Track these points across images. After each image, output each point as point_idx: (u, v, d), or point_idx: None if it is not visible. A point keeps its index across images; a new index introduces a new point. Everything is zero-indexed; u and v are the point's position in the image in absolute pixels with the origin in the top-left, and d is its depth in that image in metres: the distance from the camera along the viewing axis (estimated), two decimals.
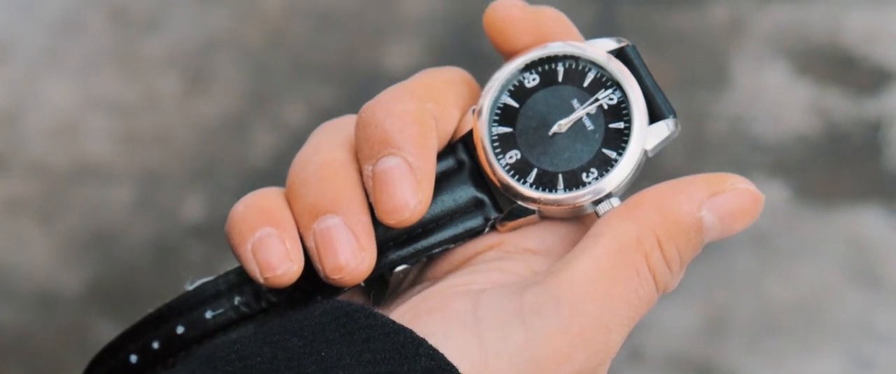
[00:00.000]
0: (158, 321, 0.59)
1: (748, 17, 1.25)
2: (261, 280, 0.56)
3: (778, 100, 1.22)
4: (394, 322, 0.53)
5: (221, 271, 0.60)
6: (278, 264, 0.56)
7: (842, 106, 1.22)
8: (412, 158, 0.56)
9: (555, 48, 0.58)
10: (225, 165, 1.22)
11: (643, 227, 0.55)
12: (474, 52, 1.20)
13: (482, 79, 0.60)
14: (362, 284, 0.57)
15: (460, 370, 0.52)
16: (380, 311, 0.54)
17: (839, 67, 1.23)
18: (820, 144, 1.21)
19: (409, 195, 0.56)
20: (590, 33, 0.61)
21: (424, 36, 1.25)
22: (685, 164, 1.20)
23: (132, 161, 1.22)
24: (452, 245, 0.58)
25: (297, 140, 1.21)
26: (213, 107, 1.24)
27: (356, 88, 1.23)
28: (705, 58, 1.24)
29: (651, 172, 0.58)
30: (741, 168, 1.20)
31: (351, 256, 0.56)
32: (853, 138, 1.21)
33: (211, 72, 1.25)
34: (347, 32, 1.26)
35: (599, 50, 0.58)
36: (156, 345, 0.59)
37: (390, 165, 0.56)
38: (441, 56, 1.23)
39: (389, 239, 0.58)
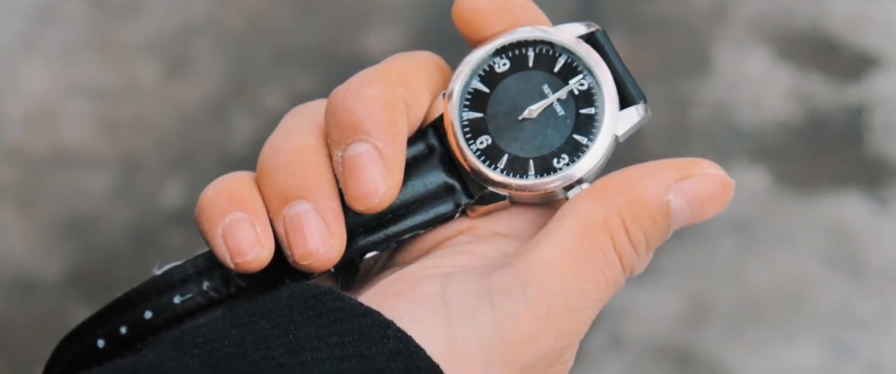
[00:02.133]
0: (126, 305, 0.59)
1: (730, 3, 1.25)
2: (231, 265, 0.56)
3: (760, 86, 1.22)
4: (362, 305, 0.53)
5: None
6: (249, 249, 0.56)
7: (824, 92, 1.22)
8: (382, 144, 0.56)
9: (525, 33, 0.58)
10: (204, 151, 1.22)
11: (609, 208, 0.55)
12: (455, 38, 1.19)
13: (457, 64, 0.60)
14: (332, 269, 0.57)
15: (428, 353, 0.52)
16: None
17: (821, 53, 1.23)
18: (802, 130, 1.21)
19: (379, 181, 0.56)
20: (571, 19, 0.60)
21: (405, 22, 1.24)
22: (667, 150, 1.20)
23: (111, 147, 1.22)
24: (423, 231, 0.58)
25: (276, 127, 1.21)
26: (192, 93, 1.24)
27: (336, 75, 1.23)
28: (687, 44, 1.24)
29: (632, 158, 0.58)
30: (723, 154, 1.20)
31: (320, 242, 0.56)
32: (835, 124, 1.21)
33: (190, 58, 1.25)
34: (328, 19, 1.25)
35: (569, 35, 0.58)
36: (123, 330, 0.58)
37: (360, 152, 0.56)
38: (421, 42, 1.23)
39: (359, 225, 0.57)
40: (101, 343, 0.59)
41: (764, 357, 1.14)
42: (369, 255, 0.58)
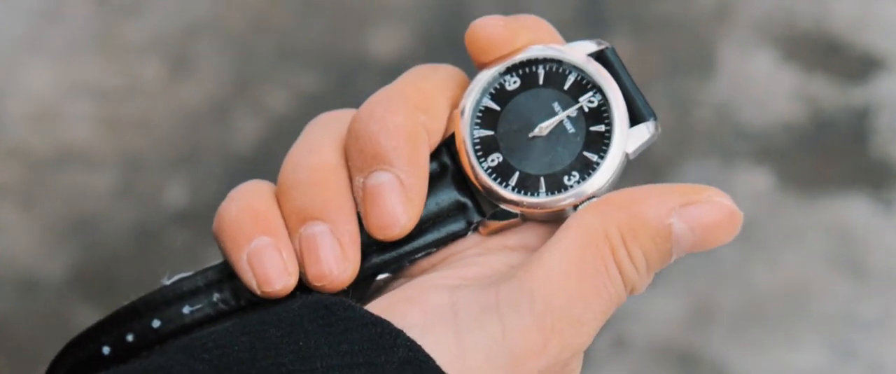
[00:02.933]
0: (133, 314, 0.59)
1: (734, 4, 1.25)
2: (258, 293, 0.57)
3: (764, 87, 1.22)
4: (372, 314, 0.54)
5: (204, 259, 0.60)
6: (276, 278, 0.56)
7: (828, 93, 1.22)
8: (404, 175, 0.56)
9: (535, 51, 0.58)
10: (208, 151, 1.22)
11: (609, 222, 0.55)
12: (460, 38, 1.19)
13: (470, 68, 0.60)
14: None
15: (437, 362, 0.52)
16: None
17: (826, 53, 1.23)
18: (806, 131, 1.21)
19: (400, 212, 0.56)
20: (577, 21, 0.61)
21: (410, 21, 1.24)
22: (671, 151, 1.20)
23: (114, 147, 1.22)
24: (435, 250, 0.58)
25: (280, 126, 1.21)
26: (195, 92, 1.23)
27: (341, 75, 1.22)
28: (691, 44, 1.24)
29: (638, 161, 0.58)
30: (726, 155, 1.20)
31: (334, 265, 0.56)
32: (839, 126, 1.21)
33: (194, 57, 1.25)
34: (332, 17, 1.25)
35: (579, 53, 0.58)
36: (130, 338, 0.59)
37: (382, 181, 0.56)
38: (427, 42, 1.23)
39: (372, 243, 0.58)
40: (106, 350, 0.59)
41: (767, 359, 1.14)
42: (381, 277, 0.58)
